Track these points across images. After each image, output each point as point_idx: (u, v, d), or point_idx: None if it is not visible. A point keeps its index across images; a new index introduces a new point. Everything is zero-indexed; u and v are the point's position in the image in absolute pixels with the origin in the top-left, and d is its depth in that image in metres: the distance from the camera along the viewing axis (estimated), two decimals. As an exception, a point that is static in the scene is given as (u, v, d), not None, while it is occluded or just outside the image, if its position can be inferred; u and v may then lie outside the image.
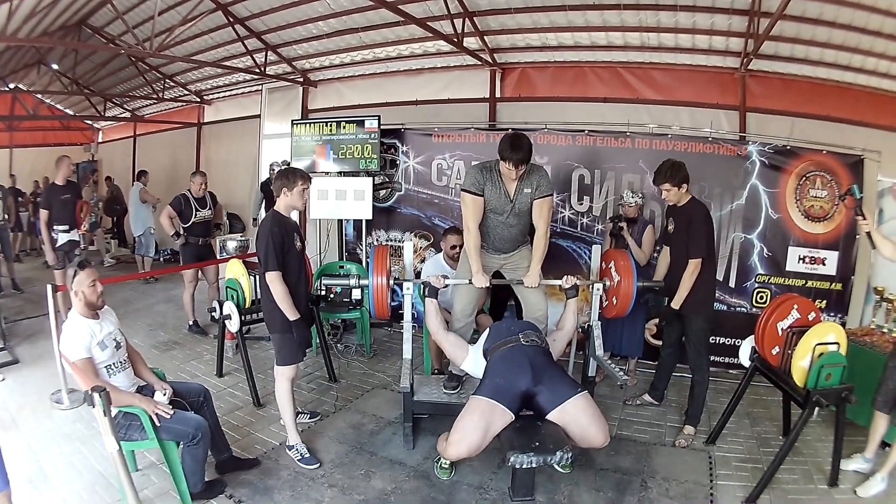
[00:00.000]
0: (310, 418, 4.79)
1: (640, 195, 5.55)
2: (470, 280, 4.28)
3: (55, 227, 6.67)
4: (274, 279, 3.87)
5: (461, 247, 4.92)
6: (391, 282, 4.44)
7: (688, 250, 4.39)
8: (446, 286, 4.54)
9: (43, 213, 6.66)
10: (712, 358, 5.80)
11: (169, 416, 3.37)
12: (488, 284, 4.32)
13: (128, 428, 3.33)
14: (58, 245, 6.69)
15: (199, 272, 7.06)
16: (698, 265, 4.35)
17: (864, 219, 3.80)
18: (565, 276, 4.37)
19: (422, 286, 4.54)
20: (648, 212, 5.92)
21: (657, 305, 4.64)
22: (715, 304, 4.83)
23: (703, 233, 4.39)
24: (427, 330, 5.35)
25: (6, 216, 8.34)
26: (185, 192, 6.79)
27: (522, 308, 4.64)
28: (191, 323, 7.01)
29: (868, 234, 3.80)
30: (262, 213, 9.06)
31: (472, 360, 4.12)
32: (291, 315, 3.94)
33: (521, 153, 3.93)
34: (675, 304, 4.45)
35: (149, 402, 3.38)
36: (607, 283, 4.61)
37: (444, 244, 5.47)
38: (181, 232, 6.70)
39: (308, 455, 4.04)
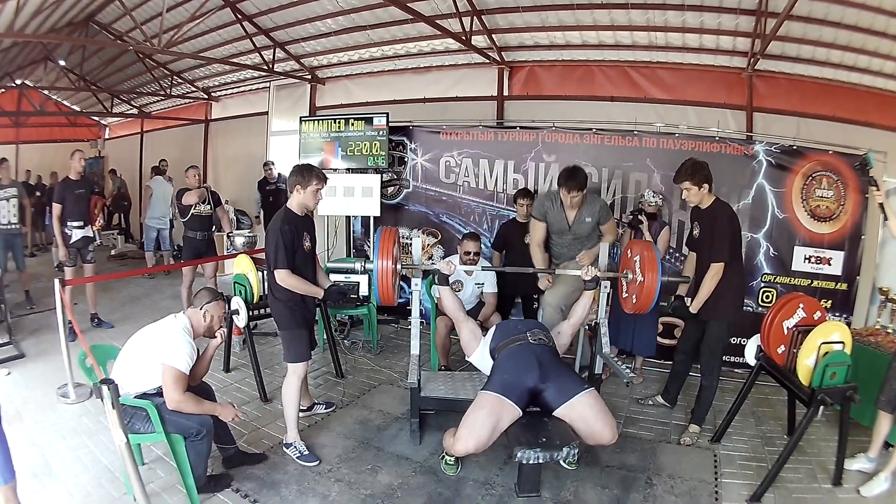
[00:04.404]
0: (325, 409, 4.84)
1: (661, 196, 5.54)
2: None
3: (69, 223, 6.52)
4: (285, 276, 3.88)
5: (475, 253, 5.20)
6: (399, 267, 4.26)
7: (711, 253, 4.25)
8: (456, 286, 4.56)
9: (56, 208, 6.49)
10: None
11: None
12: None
13: (132, 417, 3.31)
14: (71, 241, 6.54)
15: (199, 266, 7.14)
16: (720, 269, 4.18)
17: (878, 189, 3.81)
18: (586, 268, 4.26)
19: (432, 275, 4.49)
20: (666, 213, 5.91)
21: (681, 307, 4.50)
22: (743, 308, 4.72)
23: (727, 235, 4.21)
24: (434, 327, 5.40)
25: (21, 220, 7.52)
26: (185, 188, 6.95)
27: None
28: None
29: (881, 205, 3.81)
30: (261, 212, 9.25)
31: (479, 355, 4.13)
32: (318, 293, 4.07)
33: (573, 181, 4.68)
34: (694, 307, 4.34)
35: (229, 410, 3.59)
36: (629, 275, 4.39)
37: (460, 248, 5.44)
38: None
39: (307, 452, 4.02)
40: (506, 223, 6.25)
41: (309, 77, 10.04)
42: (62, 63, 12.00)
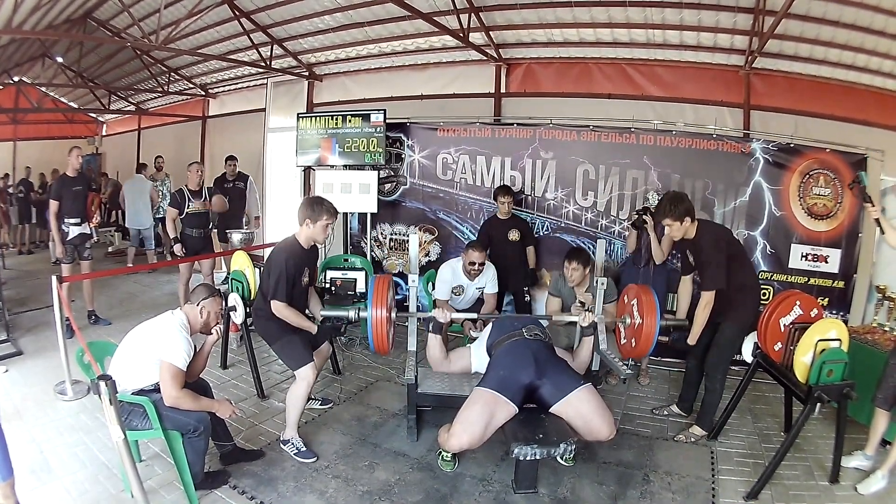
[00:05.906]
0: (321, 405, 4.84)
1: None
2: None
3: (66, 220, 6.47)
4: (281, 308, 3.92)
5: (480, 264, 5.20)
6: (393, 316, 4.17)
7: (703, 282, 4.22)
8: (457, 290, 4.59)
9: (53, 205, 6.43)
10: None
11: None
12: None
13: (130, 414, 3.29)
14: (69, 238, 6.50)
15: (196, 263, 7.10)
16: (710, 299, 4.15)
17: (872, 206, 3.82)
18: (583, 314, 4.24)
19: (426, 322, 4.38)
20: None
21: (681, 339, 4.40)
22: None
23: (714, 261, 4.15)
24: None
25: None
26: (182, 187, 6.93)
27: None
28: None
29: (877, 220, 3.81)
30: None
31: (477, 359, 4.15)
32: (312, 328, 4.11)
33: (574, 255, 4.99)
34: (691, 340, 4.31)
35: (226, 406, 3.57)
36: (628, 320, 4.33)
37: (464, 256, 5.36)
38: (178, 238, 6.85)
39: (304, 449, 4.02)
40: (488, 220, 6.32)
41: (306, 74, 10.02)
42: (60, 60, 11.93)
